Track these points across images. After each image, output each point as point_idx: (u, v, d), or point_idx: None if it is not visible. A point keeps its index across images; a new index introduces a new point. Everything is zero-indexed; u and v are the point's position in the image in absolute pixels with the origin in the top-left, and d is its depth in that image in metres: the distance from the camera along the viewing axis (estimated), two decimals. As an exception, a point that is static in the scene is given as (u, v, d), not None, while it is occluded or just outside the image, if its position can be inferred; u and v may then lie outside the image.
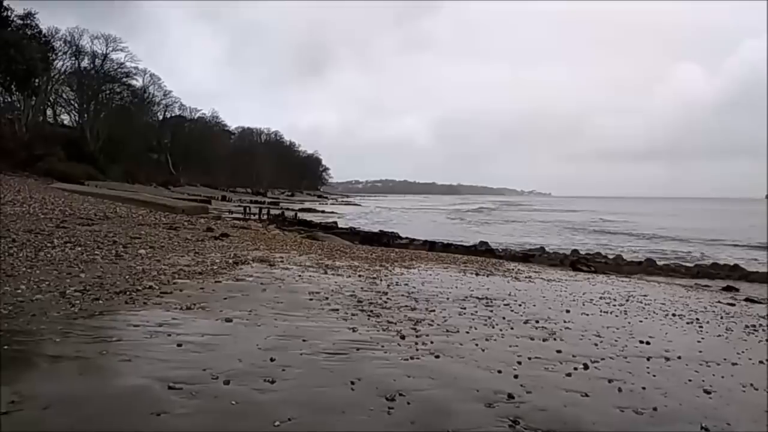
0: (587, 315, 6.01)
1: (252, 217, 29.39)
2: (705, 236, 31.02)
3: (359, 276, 7.63)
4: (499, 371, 3.77)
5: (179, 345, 3.86)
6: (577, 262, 12.99)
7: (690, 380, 3.90)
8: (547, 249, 17.02)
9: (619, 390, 3.56)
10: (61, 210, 14.07)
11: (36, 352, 3.53)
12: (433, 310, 5.67)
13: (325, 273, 7.71)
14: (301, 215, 34.28)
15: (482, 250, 15.76)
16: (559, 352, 4.36)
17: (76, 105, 57.61)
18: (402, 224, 37.56)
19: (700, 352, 4.74)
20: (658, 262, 14.16)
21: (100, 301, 4.99)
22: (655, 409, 3.27)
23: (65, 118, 58.23)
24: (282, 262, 8.46)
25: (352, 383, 3.35)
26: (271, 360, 3.66)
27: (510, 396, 3.30)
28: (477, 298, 6.57)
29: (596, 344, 4.72)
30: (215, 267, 7.41)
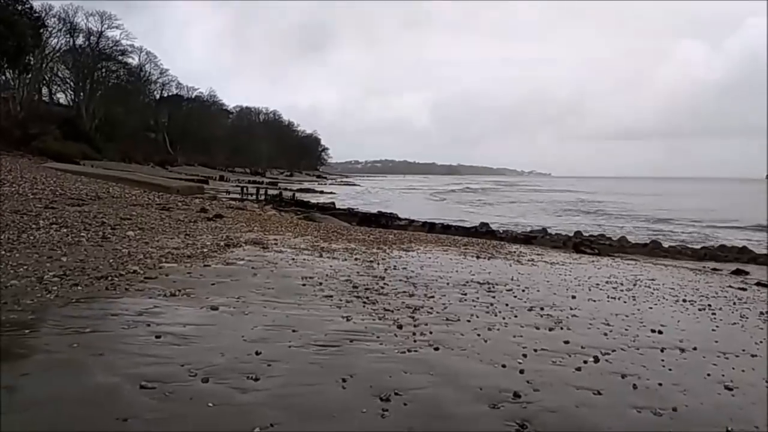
0: (594, 301, 5.72)
1: (249, 197, 29.06)
2: (708, 217, 30.66)
3: (355, 259, 7.34)
4: (504, 365, 3.48)
5: (158, 337, 3.57)
6: (580, 244, 12.62)
7: (709, 374, 3.61)
8: (549, 231, 16.64)
9: (634, 387, 3.27)
10: (51, 190, 13.72)
11: (-1, 345, 3.23)
12: (432, 297, 5.39)
13: (320, 256, 7.41)
14: (299, 195, 33.89)
15: (483, 232, 15.40)
16: (566, 342, 4.08)
17: (71, 83, 56.88)
18: (399, 204, 37.18)
19: (716, 342, 4.45)
20: (663, 244, 13.81)
21: (79, 288, 4.69)
22: (674, 409, 2.98)
23: (61, 97, 57.57)
24: (276, 244, 8.16)
25: (344, 380, 3.07)
26: (257, 354, 3.37)
27: (516, 395, 3.01)
28: (478, 283, 6.28)
29: (606, 334, 4.44)
30: (205, 250, 7.12)
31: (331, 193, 49.77)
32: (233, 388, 2.86)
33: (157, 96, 73.65)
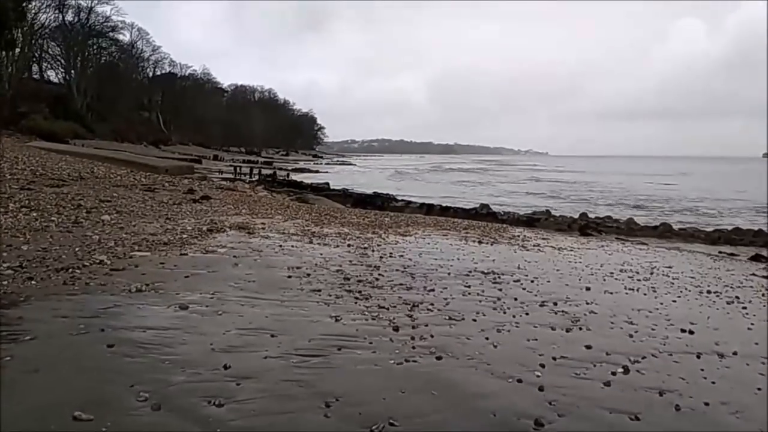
0: (611, 294, 5.16)
1: (242, 177, 28.44)
2: (713, 196, 29.97)
3: (348, 246, 6.77)
4: (519, 380, 2.93)
5: (110, 346, 3.01)
6: (586, 227, 11.96)
7: (759, 389, 3.06)
8: (553, 212, 15.95)
9: (677, 408, 2.72)
10: (32, 170, 13.06)
11: None
12: (433, 290, 4.83)
13: (311, 242, 6.84)
14: (294, 175, 33.17)
15: (484, 214, 14.71)
16: (588, 348, 3.53)
17: (62, 61, 55.73)
18: (393, 183, 36.47)
19: (756, 344, 3.89)
20: (673, 226, 13.06)
21: (33, 282, 4.13)
22: (732, 440, 2.45)
23: (51, 75, 56.48)
24: (263, 229, 7.58)
25: (328, 405, 2.51)
26: (225, 368, 2.82)
27: (538, 423, 2.46)
28: (482, 272, 5.71)
29: (631, 335, 3.89)
30: (185, 236, 6.54)
31: (326, 172, 49.15)
32: (188, 420, 2.30)
33: (150, 74, 72.40)
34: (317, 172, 49.54)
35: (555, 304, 4.60)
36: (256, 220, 8.45)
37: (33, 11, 49.43)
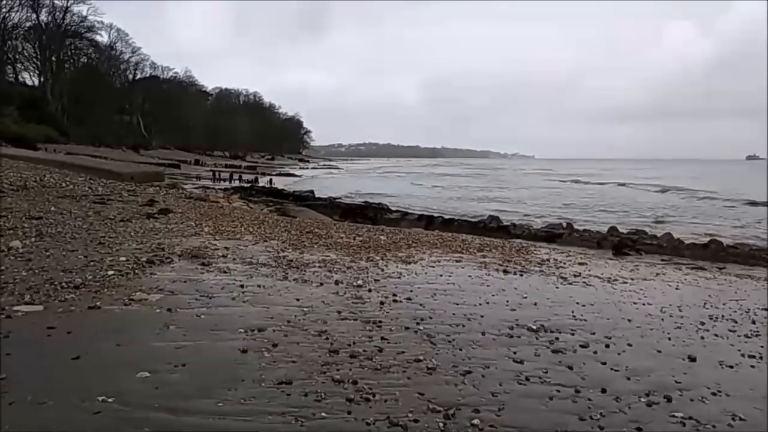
0: (732, 368, 3.41)
1: (222, 183, 26.65)
2: (724, 204, 27.88)
3: (336, 283, 4.97)
4: None
5: None
6: (621, 245, 10.00)
7: None
8: (575, 225, 13.90)
9: None
10: (-34, 179, 11.20)
11: None
12: (469, 372, 3.07)
13: (285, 278, 5.05)
14: (277, 180, 31.22)
15: (493, 228, 12.72)
16: None
17: (37, 63, 53.75)
18: (381, 188, 34.47)
19: None
20: (722, 243, 11.01)
21: None
22: None
23: (26, 77, 54.49)
24: (224, 257, 5.79)
25: None
26: None
27: None
28: (530, 329, 3.94)
29: None
30: (111, 272, 4.73)
31: (313, 177, 47.56)
32: None
33: (131, 77, 70.15)
34: (302, 177, 47.91)
35: (668, 400, 2.85)
36: (219, 242, 6.64)
37: (4, 10, 47.57)
